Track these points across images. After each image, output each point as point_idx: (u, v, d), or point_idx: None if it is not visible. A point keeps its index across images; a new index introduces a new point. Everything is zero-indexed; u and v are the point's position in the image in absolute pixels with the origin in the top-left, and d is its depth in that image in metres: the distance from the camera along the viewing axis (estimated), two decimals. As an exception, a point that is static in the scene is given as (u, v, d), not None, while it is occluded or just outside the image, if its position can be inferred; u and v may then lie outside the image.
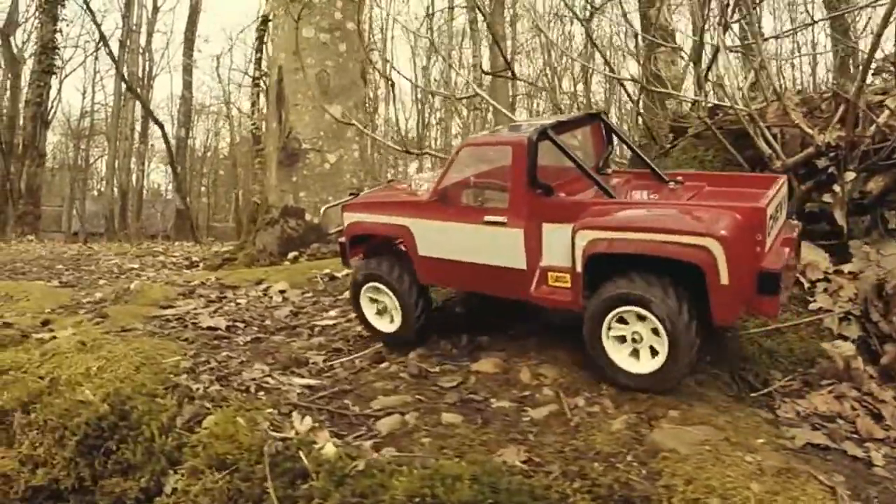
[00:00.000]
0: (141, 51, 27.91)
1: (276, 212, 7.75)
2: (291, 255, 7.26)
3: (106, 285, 5.67)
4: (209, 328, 3.49)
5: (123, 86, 26.82)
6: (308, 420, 2.25)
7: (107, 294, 4.68)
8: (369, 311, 2.96)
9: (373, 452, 2.05)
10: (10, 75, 26.61)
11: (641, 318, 2.20)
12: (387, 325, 2.94)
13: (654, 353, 2.24)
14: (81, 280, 6.41)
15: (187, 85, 27.23)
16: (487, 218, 2.43)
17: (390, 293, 2.80)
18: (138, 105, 29.16)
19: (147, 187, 34.50)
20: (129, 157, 28.93)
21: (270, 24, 8.64)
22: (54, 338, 3.28)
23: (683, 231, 2.07)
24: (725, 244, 2.00)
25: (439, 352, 2.92)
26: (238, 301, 4.10)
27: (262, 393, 2.62)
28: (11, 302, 4.85)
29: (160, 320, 3.68)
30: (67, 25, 22.96)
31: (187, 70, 26.71)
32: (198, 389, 2.57)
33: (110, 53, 19.78)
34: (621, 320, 2.26)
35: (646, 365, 2.26)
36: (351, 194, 3.16)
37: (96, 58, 29.38)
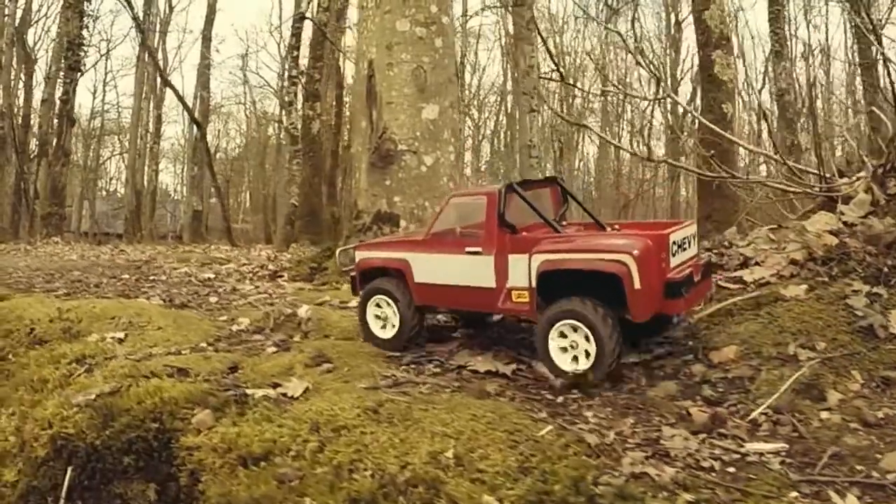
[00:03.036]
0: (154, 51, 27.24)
1: (368, 217, 7.14)
2: (389, 265, 6.70)
3: (226, 307, 5.06)
4: (489, 372, 2.93)
5: (142, 85, 26.16)
6: (853, 499, 1.69)
7: (257, 320, 3.91)
8: (373, 321, 3.43)
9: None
10: (23, 74, 25.98)
11: (575, 328, 2.78)
12: (385, 333, 3.41)
13: (587, 355, 2.78)
14: (180, 296, 5.73)
15: (204, 84, 26.55)
16: (468, 249, 3.09)
17: (393, 304, 3.33)
18: (152, 105, 28.54)
19: (157, 188, 33.88)
20: (144, 157, 28.31)
21: (359, 15, 8.06)
22: (284, 394, 2.51)
23: (606, 250, 2.74)
24: (636, 259, 2.64)
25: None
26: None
27: (722, 466, 1.96)
28: (137, 330, 4.02)
29: (410, 366, 3.04)
30: (94, 21, 22.31)
31: (205, 68, 26.06)
32: (659, 477, 1.86)
33: (144, 44, 19.08)
34: (562, 335, 2.82)
35: (582, 365, 2.78)
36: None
37: (108, 58, 28.73)
